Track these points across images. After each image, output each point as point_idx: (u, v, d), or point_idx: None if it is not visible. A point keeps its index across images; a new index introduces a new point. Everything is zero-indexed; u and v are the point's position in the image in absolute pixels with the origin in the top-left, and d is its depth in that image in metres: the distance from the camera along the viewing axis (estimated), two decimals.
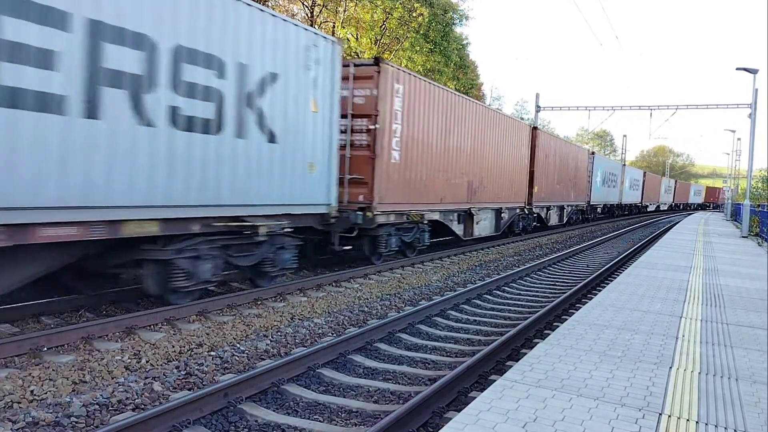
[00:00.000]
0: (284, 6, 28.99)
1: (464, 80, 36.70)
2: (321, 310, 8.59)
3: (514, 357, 6.57)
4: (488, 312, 9.28)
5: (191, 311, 7.66)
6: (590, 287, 11.57)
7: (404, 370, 6.19)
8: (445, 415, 4.84)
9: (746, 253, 15.96)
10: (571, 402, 4.00)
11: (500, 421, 3.63)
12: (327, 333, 7.48)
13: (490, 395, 4.06)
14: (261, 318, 7.86)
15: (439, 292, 10.53)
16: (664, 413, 3.89)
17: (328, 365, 6.12)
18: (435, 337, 7.69)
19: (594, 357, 5.09)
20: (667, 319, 6.73)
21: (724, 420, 3.85)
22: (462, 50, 36.64)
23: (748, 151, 25.75)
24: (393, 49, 30.44)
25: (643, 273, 10.48)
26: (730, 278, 10.55)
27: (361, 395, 5.49)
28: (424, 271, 12.63)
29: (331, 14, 29.20)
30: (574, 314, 6.88)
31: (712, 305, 7.81)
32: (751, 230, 23.22)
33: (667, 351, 5.41)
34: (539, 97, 36.83)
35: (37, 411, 4.56)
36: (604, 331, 6.01)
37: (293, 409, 5.09)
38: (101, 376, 5.47)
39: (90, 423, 4.53)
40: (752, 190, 30.06)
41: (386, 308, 9.05)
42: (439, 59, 32.14)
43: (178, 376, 5.59)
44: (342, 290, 10.02)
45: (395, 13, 29.21)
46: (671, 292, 8.57)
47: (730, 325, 6.67)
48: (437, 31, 31.64)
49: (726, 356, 5.38)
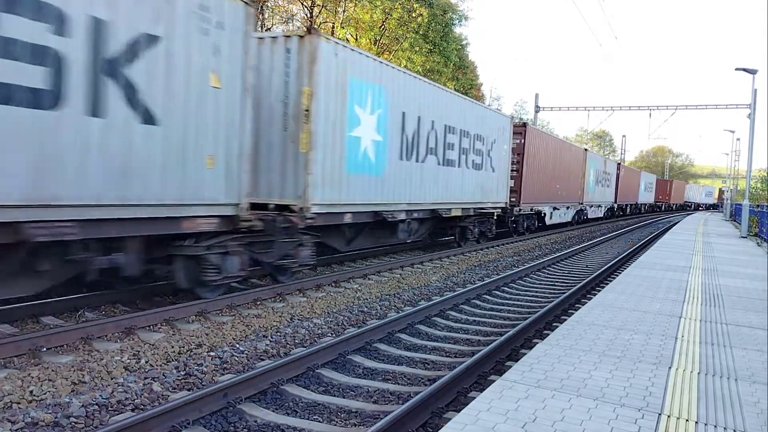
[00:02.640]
0: (284, 6, 29.00)
1: (463, 80, 36.74)
2: (320, 311, 8.59)
3: (514, 357, 6.57)
4: (488, 312, 9.28)
5: (190, 311, 7.66)
6: (589, 287, 11.57)
7: (404, 371, 6.19)
8: (444, 416, 4.84)
9: (745, 253, 15.98)
10: (571, 402, 4.00)
11: (500, 421, 3.63)
12: (326, 333, 7.48)
13: (489, 395, 4.07)
14: (260, 318, 7.86)
15: (438, 293, 10.53)
16: (663, 413, 3.89)
17: (328, 365, 6.12)
18: (434, 337, 7.69)
19: (593, 357, 5.09)
20: (667, 320, 6.73)
21: (724, 420, 3.86)
22: (461, 50, 36.68)
23: (748, 151, 25.82)
24: (392, 50, 30.46)
25: (643, 273, 10.49)
26: (729, 278, 10.56)
27: (361, 395, 5.49)
28: (424, 272, 12.64)
29: (331, 15, 29.22)
30: (573, 314, 6.89)
31: (711, 305, 7.81)
32: (751, 230, 23.24)
33: (667, 351, 5.41)
34: (538, 97, 36.96)
35: (37, 411, 4.56)
36: (604, 332, 6.02)
37: (293, 409, 5.09)
38: (100, 376, 5.47)
39: (89, 423, 4.53)
40: (751, 190, 30.07)
41: (386, 308, 9.05)
42: (439, 59, 32.18)
43: (178, 376, 5.59)
44: (341, 290, 10.02)
45: (394, 13, 29.23)
46: (670, 293, 8.57)
47: (730, 326, 6.67)
48: (436, 32, 31.68)
49: (725, 356, 5.38)
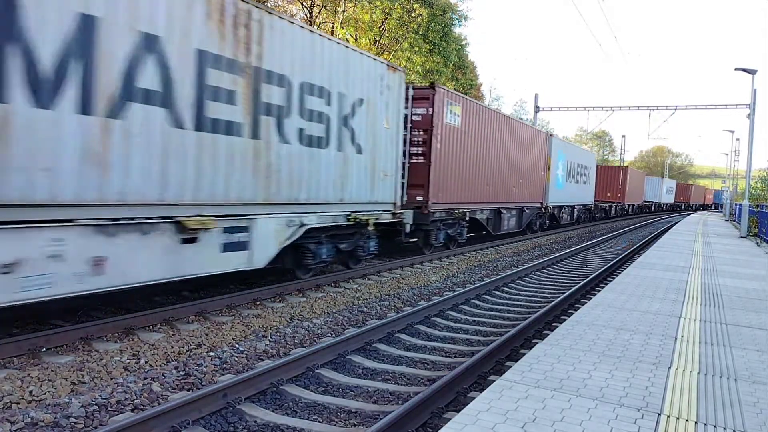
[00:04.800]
0: (283, 6, 28.97)
1: (463, 80, 36.71)
2: (320, 311, 8.59)
3: (513, 357, 6.57)
4: (487, 312, 9.28)
5: (190, 311, 7.66)
6: (589, 287, 11.58)
7: (403, 371, 6.19)
8: (444, 416, 4.84)
9: (745, 254, 15.98)
10: (570, 402, 4.01)
11: (499, 421, 3.63)
12: (326, 333, 7.48)
13: (489, 396, 4.07)
14: (260, 318, 7.86)
15: (438, 293, 10.53)
16: (663, 413, 3.90)
17: (327, 366, 6.12)
18: (434, 337, 7.69)
19: (593, 357, 5.10)
20: (666, 320, 6.74)
21: (723, 420, 3.86)
22: (461, 51, 36.61)
23: (747, 151, 25.82)
24: (392, 50, 30.44)
25: (642, 273, 10.49)
26: (728, 278, 10.57)
27: (360, 395, 5.49)
28: (423, 272, 12.64)
29: (330, 15, 29.21)
30: (573, 314, 6.89)
31: (710, 305, 7.81)
32: (750, 230, 23.25)
33: (666, 351, 5.41)
34: (538, 97, 36.89)
35: (36, 411, 4.56)
36: (603, 332, 6.02)
37: (292, 409, 5.09)
38: (100, 376, 5.47)
39: (89, 423, 4.53)
40: (751, 190, 30.06)
41: (385, 309, 9.05)
42: (438, 60, 32.12)
43: (177, 376, 5.59)
44: (341, 291, 10.02)
45: (394, 13, 29.21)
46: (670, 293, 8.57)
47: (729, 326, 6.68)
48: (436, 32, 31.62)
49: (725, 356, 5.38)
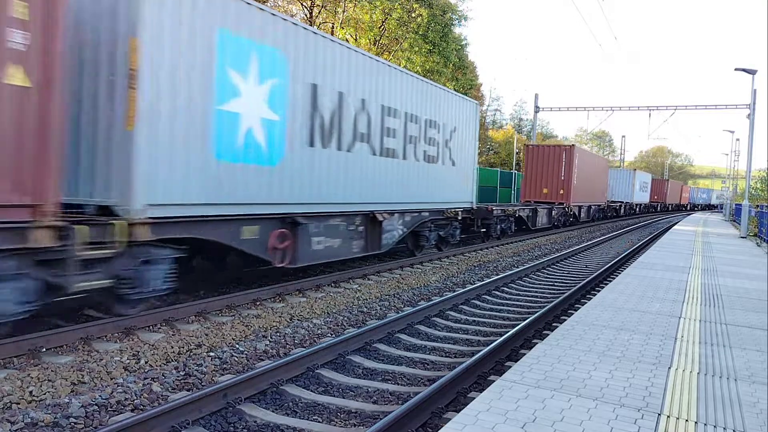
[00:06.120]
0: (283, 6, 28.97)
1: (463, 80, 36.69)
2: (320, 311, 8.59)
3: (513, 357, 6.57)
4: (487, 313, 9.28)
5: (190, 311, 7.66)
6: (589, 288, 11.58)
7: (403, 371, 6.19)
8: (444, 416, 4.84)
9: (745, 254, 15.99)
10: (570, 402, 4.01)
11: (499, 421, 3.63)
12: (326, 333, 7.48)
13: (489, 396, 4.07)
14: (260, 318, 7.86)
15: (438, 293, 10.53)
16: (663, 413, 3.90)
17: (327, 366, 6.12)
18: (434, 337, 7.69)
19: (593, 357, 5.10)
20: (666, 320, 6.74)
21: (723, 420, 3.86)
22: (461, 51, 36.63)
23: (747, 151, 25.82)
24: (392, 50, 30.45)
25: (642, 273, 10.49)
26: (728, 278, 10.57)
27: (360, 396, 5.49)
28: (423, 272, 12.64)
29: (330, 15, 29.23)
30: (573, 315, 6.89)
31: (710, 306, 7.81)
32: (750, 231, 23.25)
33: (666, 351, 5.41)
34: (538, 97, 36.85)
35: (36, 412, 4.56)
36: (603, 332, 6.02)
37: (292, 409, 5.09)
38: (100, 376, 5.47)
39: (89, 424, 4.53)
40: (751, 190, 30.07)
41: (385, 309, 9.05)
42: (438, 60, 32.14)
43: (177, 376, 5.59)
44: (341, 291, 10.02)
45: (394, 13, 29.22)
46: (670, 293, 8.58)
47: (729, 326, 6.68)
48: (436, 32, 31.64)
49: (725, 357, 5.38)
